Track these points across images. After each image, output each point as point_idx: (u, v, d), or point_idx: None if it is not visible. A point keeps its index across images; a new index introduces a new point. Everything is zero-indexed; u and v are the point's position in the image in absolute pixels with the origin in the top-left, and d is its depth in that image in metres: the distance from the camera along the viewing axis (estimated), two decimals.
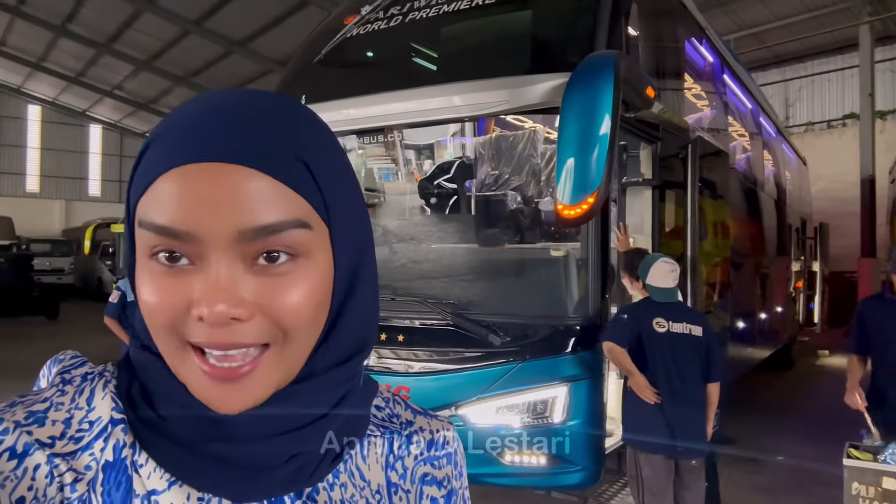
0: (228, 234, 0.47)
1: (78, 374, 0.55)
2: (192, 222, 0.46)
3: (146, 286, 0.49)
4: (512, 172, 4.35)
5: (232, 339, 0.47)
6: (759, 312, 7.07)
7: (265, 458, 0.52)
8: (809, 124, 17.97)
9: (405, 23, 4.00)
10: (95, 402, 0.53)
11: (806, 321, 10.25)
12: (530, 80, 3.14)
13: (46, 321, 14.41)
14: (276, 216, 0.47)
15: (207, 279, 0.47)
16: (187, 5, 16.60)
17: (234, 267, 0.48)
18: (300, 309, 0.49)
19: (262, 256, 0.48)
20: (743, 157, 6.65)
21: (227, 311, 0.46)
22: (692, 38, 5.17)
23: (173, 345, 0.49)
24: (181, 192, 0.47)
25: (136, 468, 0.51)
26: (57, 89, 27.00)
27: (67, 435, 0.50)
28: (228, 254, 0.47)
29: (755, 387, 7.81)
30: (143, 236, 0.48)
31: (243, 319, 0.47)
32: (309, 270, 0.50)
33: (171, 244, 0.47)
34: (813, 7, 14.23)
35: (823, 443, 5.41)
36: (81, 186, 31.20)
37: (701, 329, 3.24)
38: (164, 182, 0.47)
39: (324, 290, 0.51)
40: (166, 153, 0.48)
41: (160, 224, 0.47)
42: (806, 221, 10.49)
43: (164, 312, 0.48)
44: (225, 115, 0.49)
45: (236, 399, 0.49)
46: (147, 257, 0.49)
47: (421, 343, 3.33)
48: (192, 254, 0.47)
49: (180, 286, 0.48)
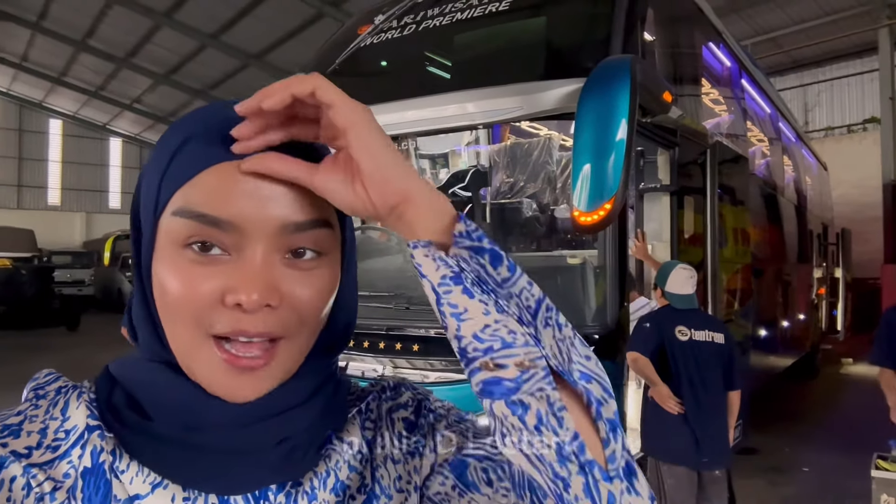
0: (271, 227, 0.50)
1: (52, 389, 0.56)
2: (236, 213, 0.49)
3: (174, 276, 0.50)
4: (527, 180, 4.32)
5: (259, 327, 0.49)
6: (781, 320, 6.95)
7: (253, 443, 0.53)
8: (829, 129, 17.76)
9: (419, 31, 4.00)
10: (70, 412, 0.54)
11: (829, 329, 10.08)
12: (545, 85, 3.11)
13: (67, 332, 14.53)
14: (311, 214, 0.51)
15: (245, 268, 0.50)
16: (204, 20, 16.82)
17: (270, 257, 0.50)
18: (319, 301, 0.53)
19: (291, 252, 0.52)
20: (762, 162, 6.57)
21: (263, 298, 0.49)
22: (709, 43, 5.12)
23: (195, 335, 0.50)
24: (227, 186, 0.49)
25: (117, 474, 0.52)
26: (78, 103, 27.44)
27: (44, 444, 0.51)
28: (267, 245, 0.50)
29: (778, 396, 7.68)
30: (177, 225, 0.50)
31: (275, 307, 0.50)
32: (328, 267, 0.54)
33: (209, 233, 0.49)
34: (831, 11, 14.09)
35: (849, 453, 5.31)
36: (102, 199, 31.62)
37: (723, 336, 3.21)
38: (207, 175, 0.50)
39: (333, 287, 0.55)
40: (207, 149, 0.50)
41: (203, 212, 0.49)
42: (827, 227, 10.34)
43: (192, 301, 0.50)
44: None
45: (251, 388, 0.51)
46: (180, 246, 0.50)
47: (437, 353, 3.29)
48: (229, 244, 0.50)
49: (213, 275, 0.50)
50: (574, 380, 0.47)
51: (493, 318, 0.46)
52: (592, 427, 0.47)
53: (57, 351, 11.45)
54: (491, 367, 0.46)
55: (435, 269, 0.47)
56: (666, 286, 3.26)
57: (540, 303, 0.48)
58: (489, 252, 0.47)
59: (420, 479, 0.60)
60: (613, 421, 0.47)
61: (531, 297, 0.48)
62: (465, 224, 0.48)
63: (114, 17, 17.72)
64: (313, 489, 0.56)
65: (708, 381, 3.13)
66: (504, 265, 0.48)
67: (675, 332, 3.13)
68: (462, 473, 0.57)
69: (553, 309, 0.49)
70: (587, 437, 0.46)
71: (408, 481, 0.61)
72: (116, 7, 16.98)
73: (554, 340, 0.48)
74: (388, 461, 0.61)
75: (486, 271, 0.47)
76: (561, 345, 0.48)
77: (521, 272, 0.48)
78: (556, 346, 0.47)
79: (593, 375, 0.48)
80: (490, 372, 0.46)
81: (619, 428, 0.47)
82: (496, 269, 0.47)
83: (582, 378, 0.47)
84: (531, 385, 0.45)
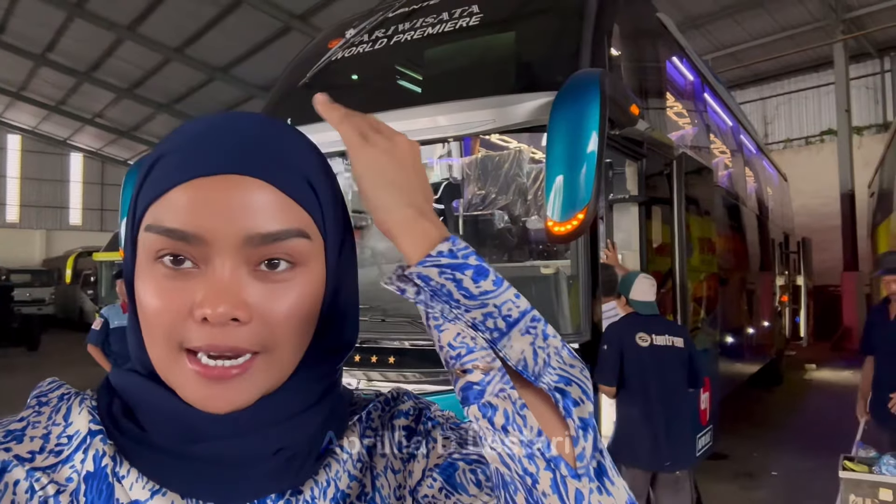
0: (236, 239, 0.50)
1: (54, 396, 0.57)
2: (201, 226, 0.49)
3: (149, 289, 0.51)
4: (499, 192, 4.36)
5: (229, 341, 0.49)
6: (746, 327, 7.10)
7: (250, 453, 0.53)
8: (788, 141, 18.26)
9: (390, 45, 4.02)
10: (73, 418, 0.54)
11: (793, 335, 10.31)
12: (517, 98, 3.15)
13: (27, 352, 14.14)
14: (280, 225, 0.51)
15: (212, 280, 0.50)
16: (169, 33, 16.64)
17: (238, 270, 0.51)
18: (295, 315, 0.52)
19: (264, 263, 0.51)
20: (726, 173, 6.72)
21: (229, 311, 0.49)
22: (673, 58, 5.23)
23: (169, 349, 0.51)
24: (194, 200, 0.50)
25: (119, 478, 0.52)
26: (37, 118, 26.85)
27: (47, 449, 0.52)
28: (234, 257, 0.50)
29: (746, 402, 7.82)
30: (149, 240, 0.51)
31: (243, 321, 0.50)
32: (305, 279, 0.53)
33: (177, 247, 0.50)
34: (787, 26, 14.53)
35: (816, 456, 5.42)
36: (62, 215, 30.89)
37: (682, 340, 3.33)
38: (176, 192, 0.51)
39: (316, 299, 0.55)
40: (179, 166, 0.51)
41: (170, 227, 0.50)
42: (788, 236, 10.59)
43: (165, 314, 0.50)
44: (234, 132, 0.53)
45: (225, 399, 0.51)
46: (152, 261, 0.51)
47: (411, 364, 3.29)
48: (197, 257, 0.50)
49: (183, 289, 0.50)
50: (534, 378, 0.50)
51: (461, 327, 0.51)
52: (562, 425, 0.49)
53: (17, 372, 11.11)
54: (460, 373, 0.50)
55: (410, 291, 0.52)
56: (630, 294, 3.37)
57: (524, 314, 0.52)
58: (474, 268, 0.51)
59: (413, 483, 0.61)
60: (586, 420, 0.50)
61: (515, 309, 0.51)
62: (451, 243, 0.52)
63: (75, 30, 17.42)
64: (313, 498, 0.57)
65: (669, 383, 3.24)
66: (489, 279, 0.51)
67: (635, 339, 3.23)
68: (450, 476, 0.58)
69: (540, 320, 0.52)
70: (554, 435, 0.49)
71: (404, 487, 0.61)
72: (78, 20, 16.70)
73: (531, 347, 0.51)
74: (388, 471, 0.62)
75: (460, 285, 0.51)
76: (540, 351, 0.51)
77: (508, 286, 0.52)
78: (532, 352, 0.51)
79: (573, 379, 0.51)
80: (462, 378, 0.50)
81: (592, 428, 0.50)
82: (477, 283, 0.51)
83: (560, 381, 0.50)
84: (493, 387, 0.49)
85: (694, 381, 3.34)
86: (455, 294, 0.51)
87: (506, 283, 0.52)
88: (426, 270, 0.51)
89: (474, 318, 0.51)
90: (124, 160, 29.48)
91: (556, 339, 0.52)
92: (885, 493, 3.11)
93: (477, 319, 0.51)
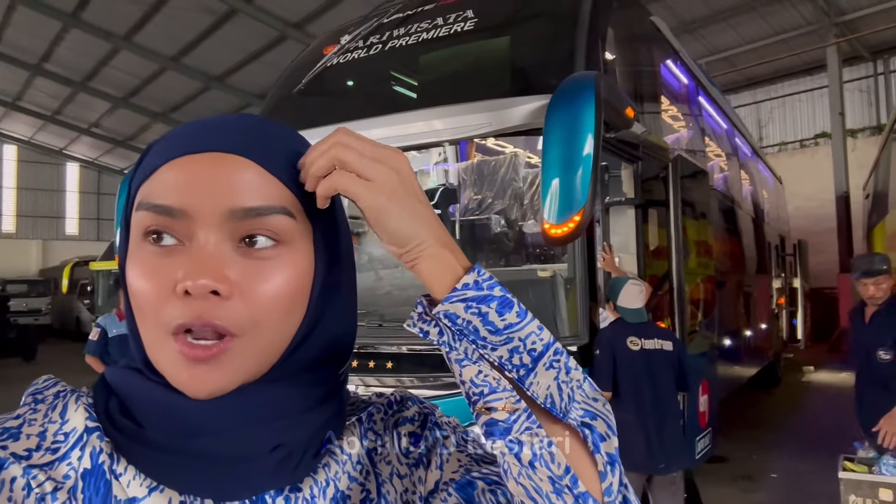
0: (218, 213, 0.50)
1: (50, 394, 0.57)
2: (185, 201, 0.50)
3: (137, 269, 0.52)
4: (495, 196, 4.36)
5: (207, 316, 0.49)
6: (744, 330, 7.10)
7: (245, 449, 0.53)
8: (783, 144, 18.32)
9: (385, 51, 4.02)
10: (69, 415, 0.54)
11: (790, 338, 10.32)
12: (512, 102, 3.16)
13: (23, 363, 14.06)
14: (263, 201, 0.52)
15: (195, 254, 0.50)
16: (165, 42, 16.64)
17: (221, 245, 0.51)
18: (277, 295, 0.52)
19: (247, 239, 0.52)
20: (721, 176, 6.73)
21: (209, 283, 0.49)
22: (667, 61, 5.25)
23: (157, 330, 0.51)
24: (178, 176, 0.51)
25: (116, 475, 0.52)
26: (33, 128, 26.78)
27: (43, 447, 0.52)
28: (217, 232, 0.51)
29: (744, 405, 7.82)
30: (138, 219, 0.52)
31: (223, 295, 0.50)
32: (290, 258, 0.53)
33: (163, 222, 0.51)
34: (780, 30, 14.60)
35: (816, 458, 5.41)
36: (58, 225, 30.81)
37: (671, 343, 3.34)
38: (164, 169, 0.52)
39: (303, 281, 0.54)
40: (167, 149, 0.53)
41: (156, 203, 0.51)
42: (784, 239, 10.62)
43: (151, 293, 0.51)
44: (221, 120, 0.55)
45: (206, 380, 0.51)
46: (140, 240, 0.52)
47: (409, 370, 3.29)
48: (182, 233, 0.51)
49: (168, 266, 0.51)
50: (562, 415, 0.51)
51: (483, 365, 0.52)
52: (590, 461, 0.51)
53: (13, 382, 11.00)
54: (484, 411, 0.51)
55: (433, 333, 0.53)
56: (618, 301, 3.36)
57: (548, 347, 0.52)
58: (498, 300, 0.52)
59: (424, 491, 0.61)
60: (613, 456, 0.51)
61: (539, 342, 0.52)
62: (476, 273, 0.53)
63: (71, 40, 17.41)
64: (312, 497, 0.56)
65: (661, 386, 3.26)
66: (513, 311, 0.52)
67: (626, 343, 3.24)
68: (469, 495, 0.58)
69: (562, 353, 0.53)
70: (581, 471, 0.50)
71: (413, 492, 0.61)
72: (74, 30, 16.71)
73: (556, 381, 0.52)
74: (393, 476, 0.62)
75: (486, 319, 0.51)
76: (564, 386, 0.52)
77: (532, 318, 0.53)
78: (556, 387, 0.52)
79: (598, 414, 0.53)
80: (486, 415, 0.51)
81: (618, 463, 0.51)
82: (502, 315, 0.52)
83: (586, 415, 0.52)
84: (520, 425, 0.50)
85: (683, 385, 3.36)
86: (482, 331, 0.51)
87: (529, 313, 0.53)
88: (452, 307, 0.51)
89: (500, 357, 0.51)
90: (120, 170, 29.43)
91: (577, 371, 0.53)
92: (885, 493, 3.11)
93: (503, 358, 0.52)
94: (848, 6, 13.70)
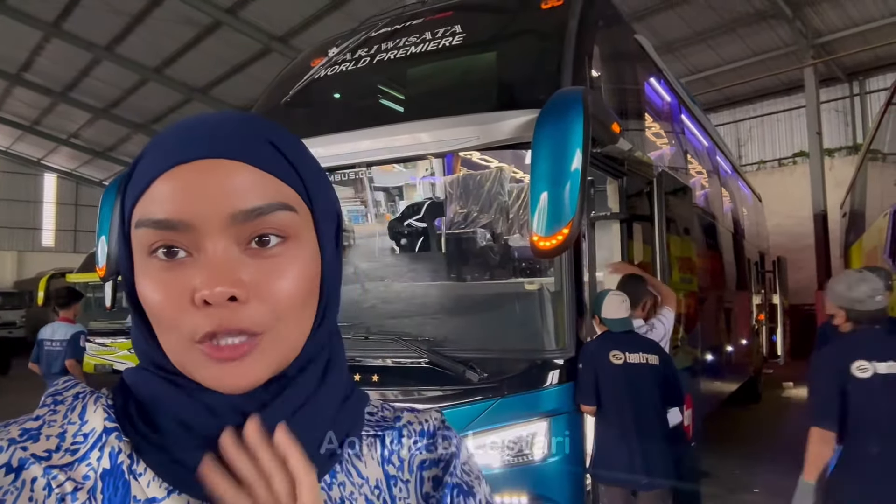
0: (221, 219, 0.50)
1: (69, 395, 0.57)
2: (186, 212, 0.50)
3: (149, 286, 0.51)
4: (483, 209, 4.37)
5: (232, 323, 0.50)
6: (725, 346, 7.15)
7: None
8: (762, 163, 18.60)
9: (373, 64, 4.03)
10: (88, 416, 0.55)
11: (770, 354, 10.41)
12: (500, 116, 3.17)
13: None
14: (262, 200, 0.52)
15: (206, 263, 0.50)
16: (147, 53, 16.55)
17: (229, 250, 0.51)
18: (293, 289, 0.53)
19: (255, 241, 0.52)
20: (703, 193, 6.81)
21: (226, 290, 0.49)
22: (651, 79, 5.32)
23: (180, 341, 0.51)
24: (176, 187, 0.51)
25: (136, 476, 0.53)
26: (11, 138, 26.44)
27: (63, 448, 0.52)
28: (223, 238, 0.51)
29: (725, 421, 7.85)
30: (141, 236, 0.52)
31: (241, 299, 0.50)
32: (299, 252, 0.54)
33: (168, 237, 0.51)
34: (759, 51, 14.88)
35: (797, 473, 5.42)
36: (34, 237, 30.32)
37: (657, 357, 3.32)
38: (157, 184, 0.51)
39: (313, 271, 0.55)
40: (158, 159, 0.52)
41: (157, 219, 0.50)
42: (764, 255, 10.74)
43: (167, 306, 0.51)
44: (206, 124, 0.55)
45: (235, 376, 0.51)
46: (146, 255, 0.52)
47: (396, 383, 3.25)
48: (188, 244, 0.51)
49: (180, 278, 0.51)
50: None
51: None
52: None
53: None
54: None
55: None
56: (602, 313, 3.37)
57: None
58: None
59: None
60: None
61: None
62: None
63: (52, 50, 17.26)
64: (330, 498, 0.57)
65: (644, 401, 3.22)
66: None
67: (609, 358, 3.22)
68: None
69: None
70: None
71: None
72: (55, 40, 16.57)
73: None
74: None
75: None
76: None
77: None
78: None
79: None
80: None
81: None
82: None
83: None
84: None
85: (673, 399, 3.34)
86: None
87: None
88: None
89: None
90: (99, 181, 29.10)
91: None
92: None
93: None
94: (824, 28, 14.01)
